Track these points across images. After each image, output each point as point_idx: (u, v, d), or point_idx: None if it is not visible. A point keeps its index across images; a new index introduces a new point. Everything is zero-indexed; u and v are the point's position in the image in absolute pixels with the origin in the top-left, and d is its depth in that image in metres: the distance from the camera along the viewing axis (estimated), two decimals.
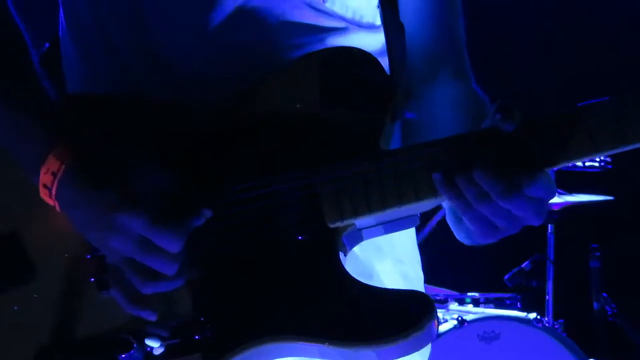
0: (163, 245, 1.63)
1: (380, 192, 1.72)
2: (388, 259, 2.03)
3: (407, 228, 1.84)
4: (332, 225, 1.74)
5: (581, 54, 6.73)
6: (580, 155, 1.68)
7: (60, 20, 2.06)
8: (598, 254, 6.19)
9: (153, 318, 1.70)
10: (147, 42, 1.92)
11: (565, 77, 6.59)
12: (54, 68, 2.03)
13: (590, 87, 5.80)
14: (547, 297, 5.87)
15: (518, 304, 5.90)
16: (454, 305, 5.74)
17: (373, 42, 1.97)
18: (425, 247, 2.77)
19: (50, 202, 1.71)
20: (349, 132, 1.79)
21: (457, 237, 1.86)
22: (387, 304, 1.70)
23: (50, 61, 2.03)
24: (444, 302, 5.68)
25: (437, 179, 1.69)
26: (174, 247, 1.64)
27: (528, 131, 1.67)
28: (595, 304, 6.20)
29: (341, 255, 1.75)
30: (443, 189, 1.68)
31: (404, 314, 1.67)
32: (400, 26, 1.92)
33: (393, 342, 1.64)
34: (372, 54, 1.87)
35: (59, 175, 1.68)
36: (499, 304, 5.88)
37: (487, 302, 5.89)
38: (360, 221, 1.75)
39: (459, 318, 5.27)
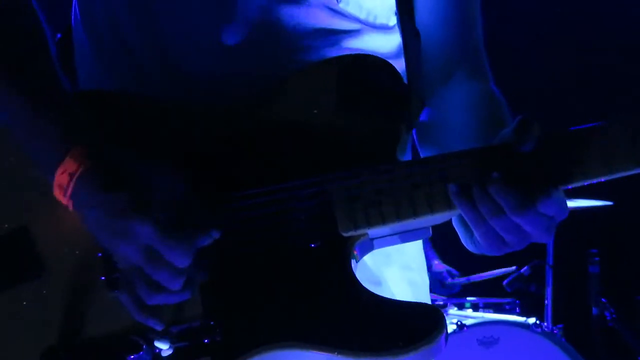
0: (169, 258, 1.62)
1: (394, 203, 1.71)
2: (396, 266, 2.02)
3: (418, 239, 1.85)
4: (345, 234, 1.74)
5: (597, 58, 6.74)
6: (597, 175, 1.67)
7: (73, 9, 2.05)
8: (597, 259, 6.20)
9: (159, 328, 1.69)
10: (160, 42, 1.91)
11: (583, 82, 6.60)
12: (66, 59, 2.02)
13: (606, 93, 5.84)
14: (546, 302, 5.88)
15: (517, 308, 5.91)
16: (453, 310, 5.74)
17: (387, 43, 1.97)
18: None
19: (64, 201, 1.70)
20: (364, 141, 1.78)
21: (464, 243, 1.87)
22: (399, 315, 1.69)
23: (62, 52, 2.02)
24: (443, 307, 5.69)
25: (452, 191, 1.68)
26: (181, 262, 1.63)
27: (545, 147, 1.66)
28: (594, 309, 6.21)
29: (353, 263, 1.74)
30: (458, 201, 1.68)
31: (416, 327, 1.66)
32: (417, 33, 1.92)
33: (404, 354, 1.64)
34: (386, 55, 1.87)
35: (75, 176, 1.67)
36: (498, 309, 5.89)
37: (486, 307, 5.89)
38: (373, 231, 1.75)
39: (459, 323, 5.28)
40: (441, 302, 5.78)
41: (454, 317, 5.50)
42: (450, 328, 5.23)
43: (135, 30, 1.93)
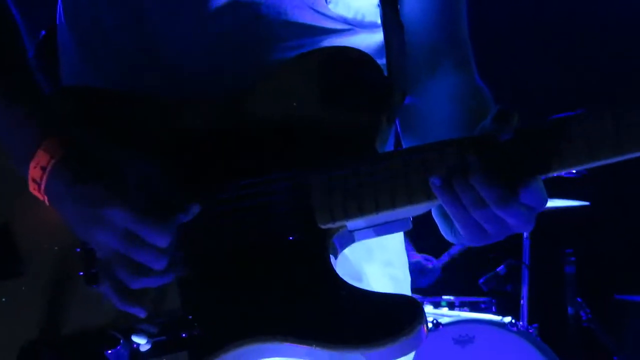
0: (150, 239, 1.63)
1: (373, 194, 1.71)
2: (377, 261, 2.02)
3: (399, 231, 1.83)
4: (323, 226, 1.73)
5: (581, 56, 6.77)
6: (575, 164, 1.65)
7: (58, 7, 2.04)
8: (573, 259, 6.24)
9: (142, 315, 1.69)
10: (145, 36, 1.91)
11: (566, 78, 6.62)
12: (49, 57, 2.02)
13: (589, 89, 5.86)
14: (521, 301, 5.90)
15: (493, 307, 5.93)
16: (429, 308, 5.76)
17: (373, 41, 1.97)
18: None
19: (40, 196, 1.70)
20: (344, 133, 1.77)
21: (443, 233, 1.85)
22: (377, 307, 1.68)
23: (46, 49, 2.03)
24: None
25: (434, 183, 1.66)
26: (162, 241, 1.63)
27: (525, 137, 1.66)
28: (569, 308, 6.24)
29: (332, 256, 1.74)
30: (439, 193, 1.66)
31: (394, 318, 1.65)
32: (400, 26, 1.92)
33: (382, 346, 1.63)
34: (372, 53, 1.86)
35: (48, 169, 1.67)
36: (474, 308, 5.90)
37: (462, 306, 5.91)
38: (352, 223, 1.74)
39: (434, 321, 5.29)
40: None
41: (429, 315, 5.50)
42: None
43: (119, 22, 1.93)
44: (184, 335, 1.71)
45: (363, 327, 1.66)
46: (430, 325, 5.26)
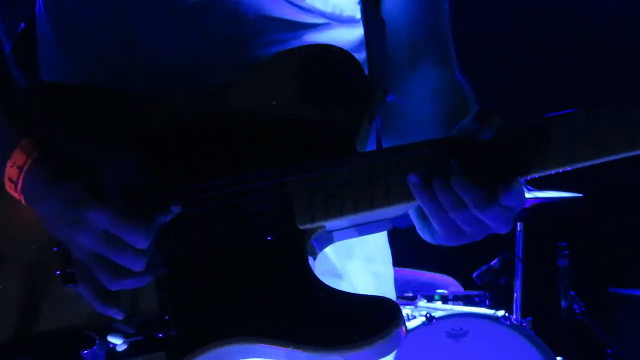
0: (129, 240, 1.61)
1: (352, 194, 1.70)
2: (358, 258, 2.01)
3: (379, 231, 1.83)
4: (301, 227, 1.72)
5: (575, 54, 6.76)
6: (556, 165, 1.64)
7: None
8: (566, 252, 6.23)
9: (119, 316, 1.68)
10: (125, 30, 1.89)
11: (556, 78, 6.62)
12: (28, 50, 2.01)
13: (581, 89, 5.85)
14: (515, 294, 5.89)
15: (486, 301, 5.91)
16: (422, 302, 5.73)
17: (352, 36, 1.95)
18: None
19: (16, 195, 1.68)
20: (324, 132, 1.76)
21: (420, 234, 1.83)
22: (354, 309, 1.68)
23: (25, 43, 2.01)
24: (412, 299, 5.68)
25: (413, 183, 1.65)
26: (141, 242, 1.61)
27: (505, 138, 1.64)
28: (563, 302, 6.23)
29: (310, 257, 1.73)
30: (418, 192, 1.65)
31: (370, 320, 1.65)
32: (381, 22, 1.90)
33: (358, 348, 1.62)
34: (352, 48, 1.85)
35: (25, 169, 1.65)
36: (468, 301, 5.89)
37: (455, 299, 5.89)
38: (331, 223, 1.73)
39: (428, 315, 5.28)
40: (410, 294, 5.78)
41: (423, 309, 5.49)
42: (419, 320, 5.23)
43: (100, 16, 1.92)
44: (160, 335, 1.70)
45: (340, 330, 1.65)
46: (423, 319, 5.25)
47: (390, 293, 2.10)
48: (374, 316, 1.65)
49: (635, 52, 6.43)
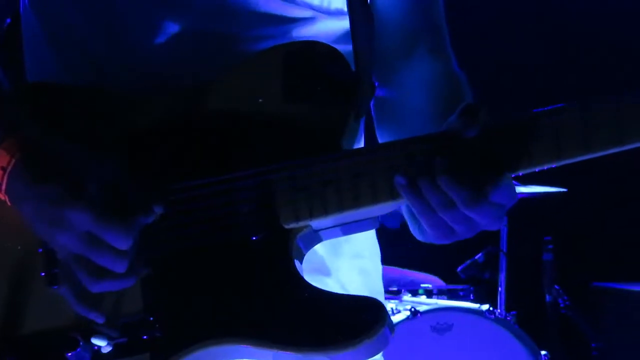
0: (111, 241, 1.60)
1: (337, 193, 1.68)
2: (345, 254, 2.00)
3: (366, 230, 1.81)
4: (287, 226, 1.70)
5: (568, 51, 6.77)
6: (544, 162, 1.62)
7: None
8: (551, 246, 6.23)
9: (101, 320, 1.67)
10: (111, 27, 1.88)
11: (549, 75, 6.62)
12: (13, 47, 2.00)
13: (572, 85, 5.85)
14: (499, 289, 5.89)
15: (471, 295, 5.92)
16: (407, 296, 5.74)
17: (340, 28, 1.93)
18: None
19: (1, 196, 1.67)
20: (310, 129, 1.74)
21: (412, 231, 1.83)
22: (339, 310, 1.66)
23: (10, 39, 2.00)
24: (397, 293, 5.68)
25: (399, 182, 1.63)
26: (122, 243, 1.60)
27: (493, 135, 1.62)
28: (547, 296, 6.24)
29: (295, 257, 1.71)
30: (405, 193, 1.63)
31: (356, 321, 1.63)
32: (369, 16, 1.88)
33: (343, 349, 1.61)
34: (339, 39, 1.84)
35: (8, 170, 1.64)
36: (452, 296, 5.89)
37: (440, 294, 5.89)
38: (317, 222, 1.71)
39: (412, 309, 5.28)
40: (395, 288, 5.78)
41: (407, 303, 5.48)
42: (404, 314, 5.23)
43: (86, 14, 1.90)
44: (145, 337, 1.69)
45: (324, 330, 1.64)
46: (408, 313, 5.25)
47: (378, 289, 2.08)
48: (360, 316, 1.64)
49: (635, 52, 6.44)
